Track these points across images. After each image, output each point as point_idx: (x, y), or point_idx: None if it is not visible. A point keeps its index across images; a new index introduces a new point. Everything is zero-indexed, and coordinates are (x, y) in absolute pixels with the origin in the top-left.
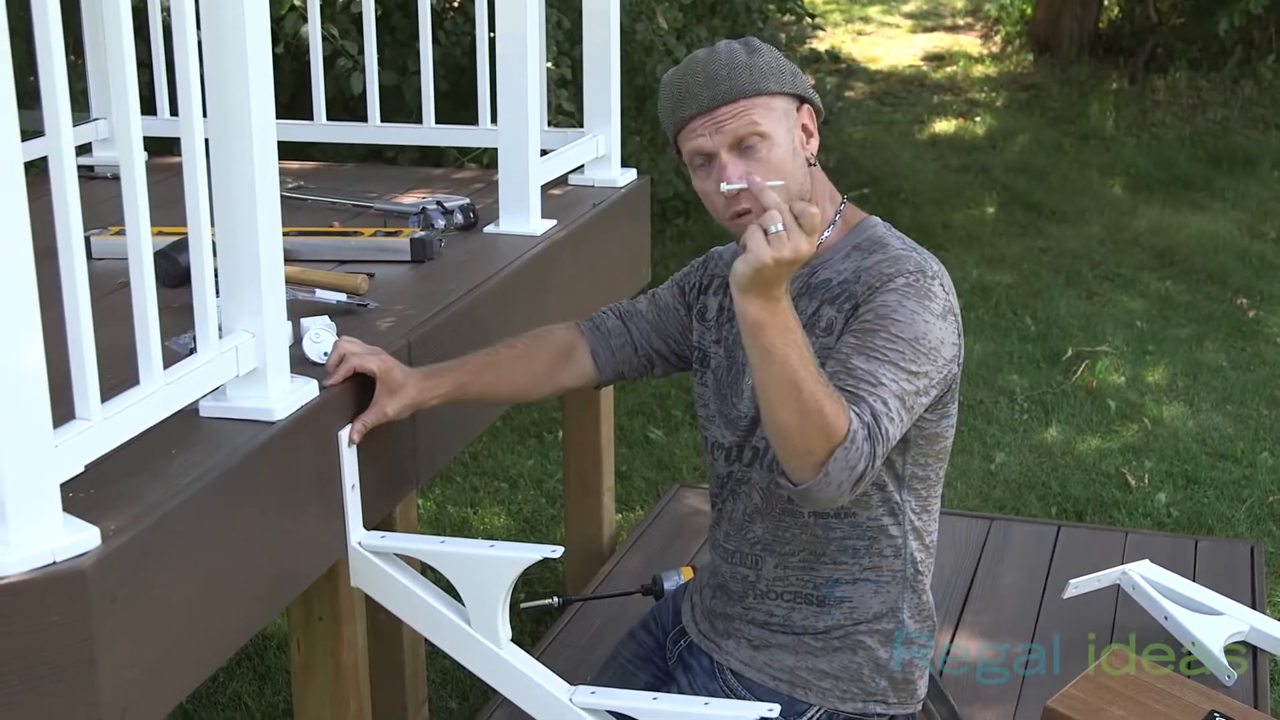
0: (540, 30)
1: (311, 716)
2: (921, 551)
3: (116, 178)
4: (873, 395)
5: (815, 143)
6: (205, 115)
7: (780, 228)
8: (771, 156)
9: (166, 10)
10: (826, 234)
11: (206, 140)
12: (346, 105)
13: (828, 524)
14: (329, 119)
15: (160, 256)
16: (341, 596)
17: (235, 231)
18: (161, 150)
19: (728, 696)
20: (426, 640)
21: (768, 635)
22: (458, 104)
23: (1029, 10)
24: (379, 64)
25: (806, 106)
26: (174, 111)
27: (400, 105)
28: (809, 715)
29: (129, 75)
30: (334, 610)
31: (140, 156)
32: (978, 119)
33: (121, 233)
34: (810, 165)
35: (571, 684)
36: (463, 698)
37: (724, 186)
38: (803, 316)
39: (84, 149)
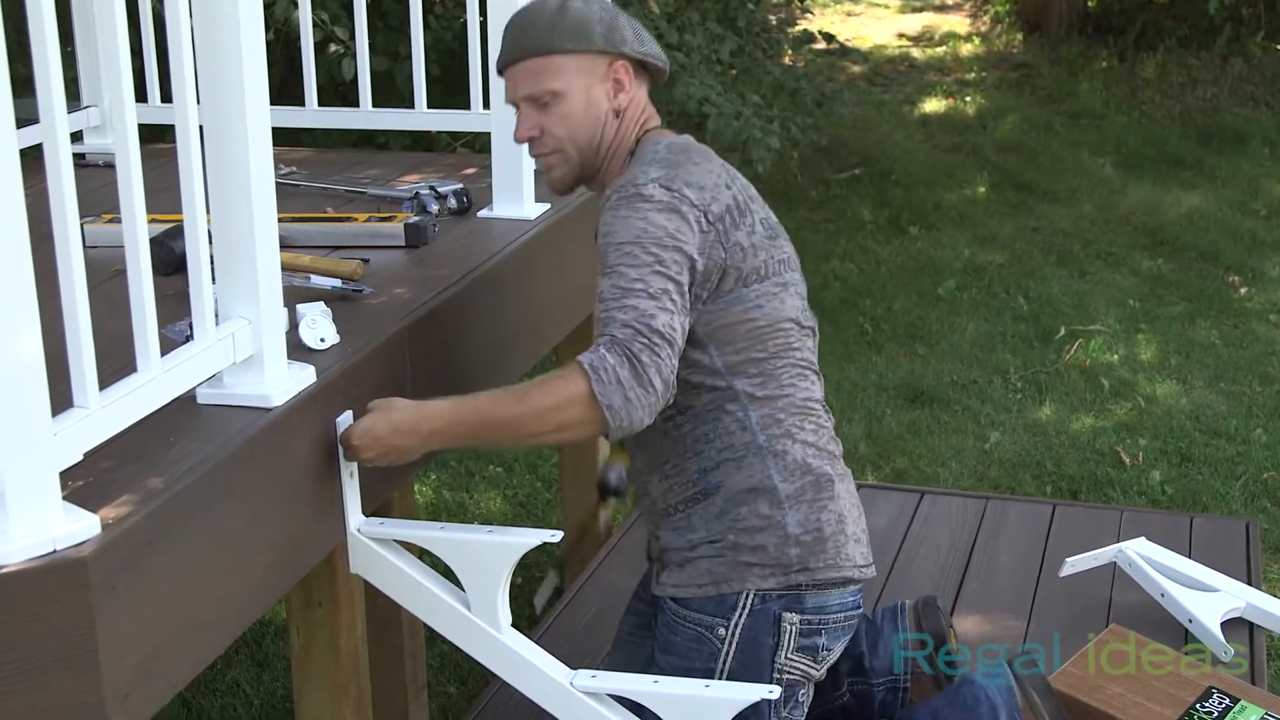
0: None
1: (311, 703)
2: (770, 418)
3: (108, 165)
4: (618, 308)
5: (627, 96)
6: (198, 102)
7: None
8: (560, 110)
9: None
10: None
11: (200, 127)
12: (337, 91)
13: (676, 421)
14: (319, 105)
15: (154, 244)
16: (340, 583)
17: (231, 218)
18: (152, 137)
19: (675, 629)
20: (425, 625)
21: (686, 552)
22: (449, 88)
23: None
24: (370, 49)
25: (621, 61)
26: (165, 98)
27: (391, 90)
28: (741, 604)
29: (123, 62)
30: (333, 596)
31: (135, 144)
32: (968, 99)
33: (114, 220)
34: (616, 116)
35: (570, 668)
36: (461, 682)
37: (516, 138)
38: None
39: (75, 137)
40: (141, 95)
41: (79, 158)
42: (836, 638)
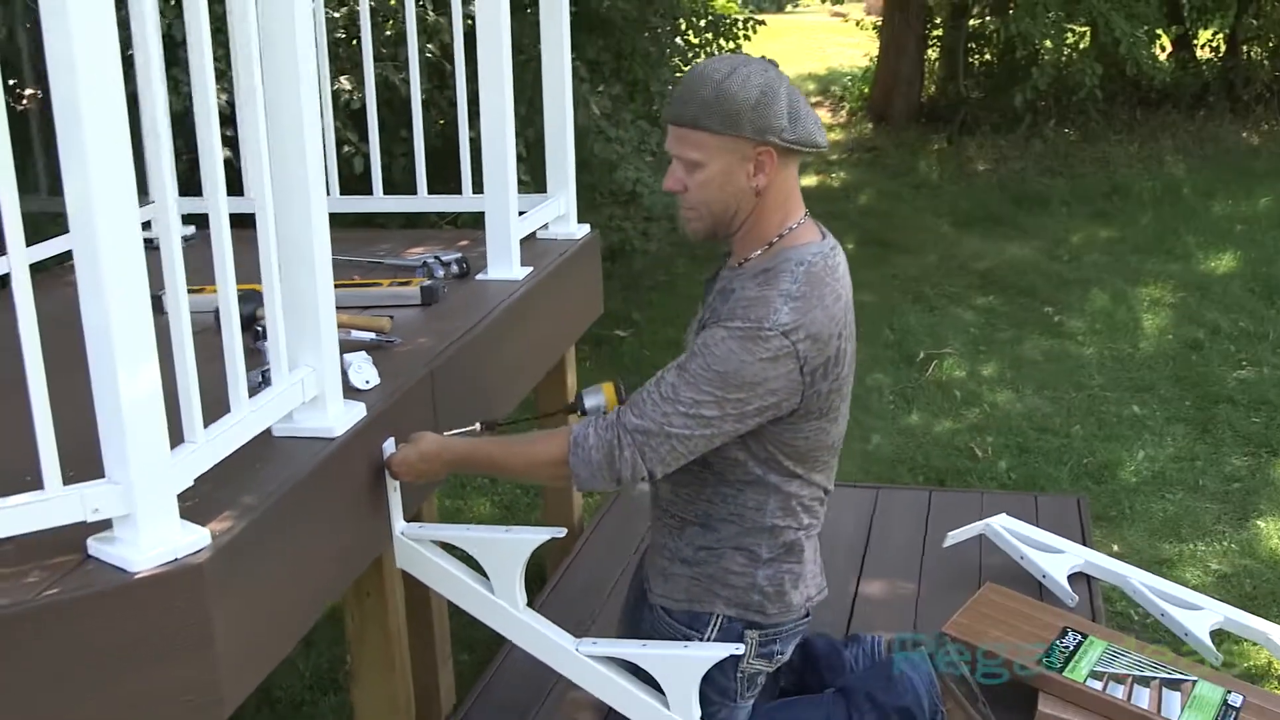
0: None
1: (367, 671)
2: (786, 507)
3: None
4: (654, 405)
5: (766, 178)
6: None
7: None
8: (700, 178)
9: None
10: (757, 253)
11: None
12: (343, 183)
13: (700, 467)
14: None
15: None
16: (386, 576)
17: (298, 284)
18: (201, 222)
19: (662, 631)
20: (448, 607)
21: (668, 564)
22: (431, 177)
23: (867, 90)
24: (368, 149)
25: (767, 148)
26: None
27: (386, 181)
28: (712, 623)
29: (216, 164)
30: (380, 588)
31: (227, 230)
32: (834, 175)
33: (190, 291)
34: (755, 195)
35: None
36: (471, 650)
37: (664, 187)
38: (709, 313)
39: (145, 225)
40: (196, 188)
41: (147, 242)
42: (788, 643)
